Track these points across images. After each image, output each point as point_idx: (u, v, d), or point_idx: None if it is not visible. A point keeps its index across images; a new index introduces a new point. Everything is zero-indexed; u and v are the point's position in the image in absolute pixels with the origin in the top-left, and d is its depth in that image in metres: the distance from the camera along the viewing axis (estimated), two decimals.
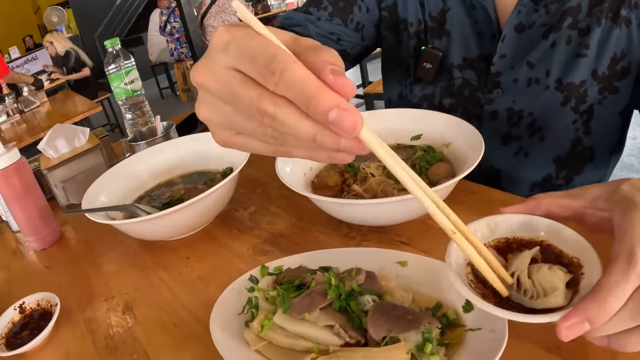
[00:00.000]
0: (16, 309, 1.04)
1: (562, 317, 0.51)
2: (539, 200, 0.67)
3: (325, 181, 1.09)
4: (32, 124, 4.63)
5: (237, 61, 0.46)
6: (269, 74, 0.43)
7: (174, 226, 1.10)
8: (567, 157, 1.18)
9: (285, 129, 0.46)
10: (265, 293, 0.80)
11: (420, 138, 1.17)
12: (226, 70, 0.47)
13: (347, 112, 0.42)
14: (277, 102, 0.44)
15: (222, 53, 0.47)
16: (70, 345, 0.95)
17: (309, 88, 0.42)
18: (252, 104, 0.45)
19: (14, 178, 1.24)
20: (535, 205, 0.67)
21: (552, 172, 1.20)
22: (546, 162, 1.20)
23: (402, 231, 1.00)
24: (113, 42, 1.67)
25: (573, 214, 0.66)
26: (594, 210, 0.63)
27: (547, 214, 0.66)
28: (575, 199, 0.65)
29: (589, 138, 1.15)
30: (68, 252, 1.30)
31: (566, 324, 0.51)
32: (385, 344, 0.68)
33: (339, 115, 0.42)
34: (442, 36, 1.21)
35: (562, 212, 0.66)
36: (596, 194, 0.63)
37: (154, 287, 1.03)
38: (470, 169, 0.91)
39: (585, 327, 0.51)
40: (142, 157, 1.38)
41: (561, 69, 1.09)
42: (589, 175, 1.21)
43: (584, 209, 0.64)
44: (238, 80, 0.46)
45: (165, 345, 0.87)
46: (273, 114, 0.45)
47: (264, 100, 0.45)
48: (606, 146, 1.19)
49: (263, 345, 0.74)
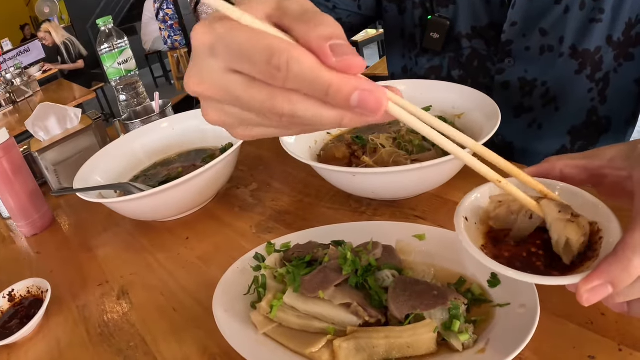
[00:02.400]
0: (5, 297, 0.98)
1: (583, 280, 0.47)
2: (553, 162, 0.61)
3: (332, 153, 1.03)
4: (25, 114, 4.57)
5: (232, 63, 0.41)
6: (274, 70, 0.39)
7: (171, 205, 1.04)
8: (583, 128, 1.14)
9: (308, 121, 0.41)
10: (273, 271, 0.73)
11: (430, 109, 1.12)
12: (223, 75, 0.42)
13: (370, 92, 0.39)
14: (292, 99, 0.40)
15: (211, 57, 0.42)
16: (61, 334, 0.89)
17: (321, 78, 0.38)
18: (264, 107, 0.41)
19: (2, 159, 1.18)
20: (550, 168, 0.62)
21: (566, 144, 1.17)
22: (561, 133, 1.16)
23: (416, 205, 0.94)
24: (105, 21, 1.60)
25: (590, 176, 0.60)
26: (613, 170, 0.58)
27: (562, 177, 0.61)
28: (592, 159, 0.60)
29: (604, 107, 1.12)
30: (60, 237, 1.24)
31: (588, 286, 0.46)
32: (408, 323, 0.62)
33: (362, 98, 0.39)
34: (449, 4, 1.16)
35: (579, 174, 0.60)
36: (614, 153, 0.58)
37: (151, 270, 0.97)
38: (488, 136, 0.86)
39: (608, 290, 0.46)
40: (138, 135, 1.32)
41: (575, 35, 1.05)
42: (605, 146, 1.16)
43: (602, 169, 0.59)
44: (240, 84, 0.41)
45: (164, 331, 0.81)
46: (291, 112, 0.41)
47: (277, 101, 0.40)
48: (622, 115, 1.15)
49: (272, 328, 0.67)
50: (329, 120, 0.41)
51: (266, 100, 0.41)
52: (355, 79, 0.39)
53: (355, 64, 0.39)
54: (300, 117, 0.41)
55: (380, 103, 0.39)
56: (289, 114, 0.41)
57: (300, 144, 1.04)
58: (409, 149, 1.00)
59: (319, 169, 0.93)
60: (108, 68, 1.63)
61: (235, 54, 0.40)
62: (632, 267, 0.45)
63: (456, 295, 0.63)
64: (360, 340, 0.61)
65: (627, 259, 0.46)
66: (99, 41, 1.61)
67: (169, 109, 1.43)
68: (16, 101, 5.07)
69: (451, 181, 0.94)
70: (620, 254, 0.46)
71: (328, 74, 0.38)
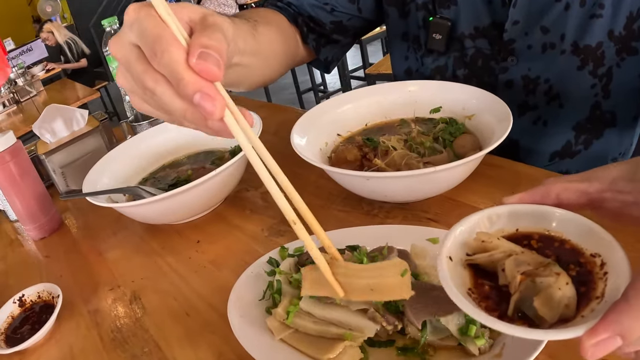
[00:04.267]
0: (15, 302, 0.98)
1: (588, 332, 0.41)
2: (549, 186, 0.56)
3: (344, 156, 1.02)
4: (29, 114, 4.57)
5: (136, 39, 0.52)
6: (153, 53, 0.51)
7: (182, 208, 1.03)
8: (587, 123, 1.14)
9: (162, 103, 0.53)
10: (288, 276, 0.73)
11: (439, 110, 1.12)
12: (128, 45, 0.54)
13: (210, 97, 0.49)
14: (157, 79, 0.52)
15: (129, 30, 0.53)
16: (73, 340, 0.89)
17: (177, 70, 0.49)
18: (138, 77, 0.53)
19: (10, 163, 1.17)
20: (545, 193, 0.56)
21: (571, 139, 1.17)
22: (566, 129, 1.16)
23: (428, 207, 0.93)
24: (111, 21, 1.59)
25: (590, 200, 0.55)
26: (615, 194, 0.53)
27: (558, 202, 0.55)
28: (592, 182, 0.55)
29: (608, 102, 1.11)
30: (69, 241, 1.23)
31: (593, 340, 0.41)
32: (426, 329, 0.61)
33: (201, 99, 0.49)
34: (451, 5, 1.16)
35: (577, 198, 0.55)
36: (616, 174, 0.54)
37: (162, 274, 0.97)
38: (500, 140, 0.85)
39: (617, 342, 0.40)
40: (145, 138, 1.31)
41: (576, 32, 1.05)
42: (610, 140, 1.17)
43: (603, 193, 0.54)
44: (134, 55, 0.53)
45: (178, 336, 0.80)
46: (152, 88, 0.52)
47: (147, 75, 0.52)
48: (628, 110, 1.15)
49: (289, 334, 0.67)
50: (176, 108, 0.52)
51: (140, 72, 0.53)
52: (206, 84, 0.49)
53: (208, 70, 0.49)
54: (159, 97, 0.52)
55: (214, 109, 0.49)
56: (151, 89, 0.52)
57: (311, 146, 1.03)
58: (420, 151, 0.99)
59: (331, 172, 0.92)
60: (114, 69, 1.63)
61: (140, 33, 0.51)
62: None
63: None
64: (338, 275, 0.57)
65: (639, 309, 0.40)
66: (104, 42, 1.60)
67: None
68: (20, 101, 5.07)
69: (463, 183, 0.93)
70: (633, 301, 0.41)
71: (186, 71, 0.49)
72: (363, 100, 1.17)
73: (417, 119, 1.14)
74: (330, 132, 1.12)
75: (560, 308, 0.45)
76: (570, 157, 1.18)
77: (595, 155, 1.17)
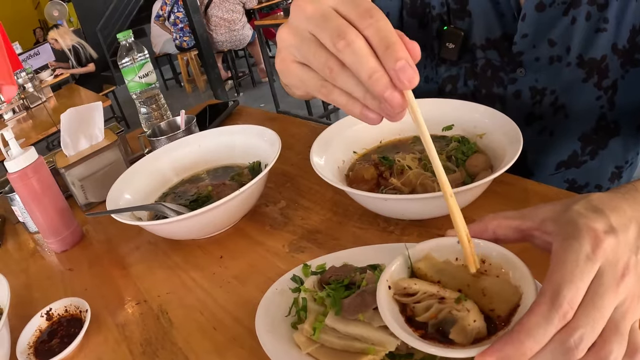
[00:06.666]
0: (43, 315, 1.00)
1: (479, 355, 0.49)
2: (487, 222, 0.63)
3: (361, 174, 1.05)
4: (39, 120, 4.60)
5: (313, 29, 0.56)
6: (366, 16, 0.53)
7: (205, 224, 1.06)
8: (592, 133, 1.17)
9: (352, 58, 0.53)
10: (313, 293, 0.76)
11: (452, 128, 1.16)
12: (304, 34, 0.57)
13: (411, 67, 0.51)
14: (359, 36, 0.53)
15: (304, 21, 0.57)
16: (103, 353, 0.91)
17: (393, 36, 0.52)
18: (339, 28, 0.53)
19: (32, 179, 1.20)
20: (483, 228, 0.63)
21: (577, 149, 1.19)
22: (572, 140, 1.19)
23: (442, 224, 0.96)
24: (126, 35, 1.63)
25: (522, 237, 0.62)
26: (541, 234, 0.59)
27: (494, 238, 0.62)
28: (526, 220, 0.61)
29: (612, 113, 1.13)
30: (91, 254, 1.26)
31: None
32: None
33: (406, 65, 0.50)
34: (465, 17, 1.19)
35: (512, 234, 0.62)
36: (547, 214, 0.59)
37: (187, 289, 1.00)
38: (512, 162, 0.89)
39: None
40: (165, 152, 1.34)
41: (581, 45, 1.08)
42: (614, 150, 1.19)
43: (533, 230, 0.60)
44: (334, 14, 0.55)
45: (206, 350, 0.83)
46: (351, 41, 0.52)
47: (350, 30, 0.53)
48: (632, 120, 1.17)
49: (315, 348, 0.70)
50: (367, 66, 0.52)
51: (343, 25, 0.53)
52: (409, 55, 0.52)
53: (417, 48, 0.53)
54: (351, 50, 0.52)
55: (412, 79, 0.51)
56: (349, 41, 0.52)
57: (329, 164, 1.07)
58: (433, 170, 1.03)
59: (352, 194, 0.95)
60: (129, 82, 1.66)
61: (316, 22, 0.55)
62: (524, 349, 0.47)
63: None
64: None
65: (519, 341, 0.47)
66: (120, 55, 1.64)
67: (194, 124, 1.45)
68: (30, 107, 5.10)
69: (476, 200, 0.96)
70: (515, 335, 0.47)
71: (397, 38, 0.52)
72: None
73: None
74: (346, 150, 1.15)
75: (472, 336, 0.54)
76: (576, 167, 1.21)
77: (600, 164, 1.20)
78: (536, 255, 0.60)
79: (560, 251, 0.51)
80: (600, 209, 0.54)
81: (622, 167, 1.22)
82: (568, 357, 0.47)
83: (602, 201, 0.56)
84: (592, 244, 0.50)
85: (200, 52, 6.10)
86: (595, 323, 0.47)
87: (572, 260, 0.49)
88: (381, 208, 0.97)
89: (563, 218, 0.55)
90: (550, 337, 0.47)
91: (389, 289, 0.61)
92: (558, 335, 0.47)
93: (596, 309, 0.47)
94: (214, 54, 6.40)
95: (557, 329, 0.47)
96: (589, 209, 0.54)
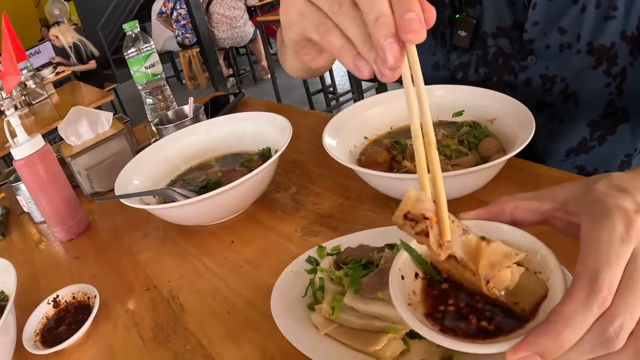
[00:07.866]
0: (50, 302, 0.99)
1: (511, 349, 0.45)
2: (503, 204, 0.59)
3: (373, 157, 1.04)
4: (41, 117, 4.59)
5: None
6: None
7: (216, 210, 1.05)
8: (601, 120, 1.17)
9: (346, 28, 0.50)
10: (330, 274, 0.75)
11: (462, 114, 1.15)
12: None
13: (421, 23, 0.46)
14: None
15: None
16: (112, 339, 0.90)
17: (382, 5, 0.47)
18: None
19: (39, 166, 1.18)
20: (499, 210, 0.59)
21: (586, 136, 1.19)
22: (581, 126, 1.19)
23: (454, 207, 0.94)
24: (132, 25, 1.62)
25: (542, 219, 0.58)
26: (564, 215, 0.55)
27: (512, 220, 0.59)
28: (545, 201, 0.57)
29: (621, 99, 1.13)
30: (98, 242, 1.25)
31: (515, 356, 0.44)
32: None
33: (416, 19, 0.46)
34: (476, 4, 1.19)
35: (530, 216, 0.58)
36: (568, 194, 0.56)
37: (198, 274, 0.98)
38: (525, 144, 0.88)
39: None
40: (173, 140, 1.33)
41: (591, 33, 1.08)
42: (623, 136, 1.19)
43: (554, 212, 0.57)
44: None
45: (219, 334, 0.82)
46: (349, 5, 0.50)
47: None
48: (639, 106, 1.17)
49: (333, 328, 0.69)
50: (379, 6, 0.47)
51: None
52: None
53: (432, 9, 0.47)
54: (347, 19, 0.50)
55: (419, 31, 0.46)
56: (346, 6, 0.50)
57: (342, 148, 1.06)
58: (447, 153, 1.02)
59: (366, 174, 0.94)
60: (135, 72, 1.65)
61: None
62: (562, 341, 0.43)
63: None
64: None
65: (556, 331, 0.43)
66: (126, 45, 1.63)
67: (201, 113, 1.44)
68: (32, 103, 5.09)
69: (487, 184, 0.95)
70: (551, 325, 0.44)
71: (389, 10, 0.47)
72: (389, 104, 1.20)
73: (440, 122, 1.16)
74: (358, 135, 1.14)
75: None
76: (585, 153, 1.20)
77: (609, 150, 1.20)
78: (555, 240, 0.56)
79: (591, 232, 0.48)
80: (625, 188, 0.51)
81: (632, 155, 1.22)
82: (608, 348, 0.44)
83: (623, 180, 0.53)
84: (624, 224, 0.47)
85: (202, 49, 6.07)
86: (634, 309, 0.44)
87: (606, 241, 0.46)
88: (395, 190, 0.95)
89: (588, 198, 0.52)
90: (588, 327, 0.44)
91: (402, 279, 0.57)
92: (597, 323, 0.44)
93: (633, 294, 0.44)
94: (215, 51, 6.38)
95: (596, 317, 0.44)
96: (613, 188, 0.52)
